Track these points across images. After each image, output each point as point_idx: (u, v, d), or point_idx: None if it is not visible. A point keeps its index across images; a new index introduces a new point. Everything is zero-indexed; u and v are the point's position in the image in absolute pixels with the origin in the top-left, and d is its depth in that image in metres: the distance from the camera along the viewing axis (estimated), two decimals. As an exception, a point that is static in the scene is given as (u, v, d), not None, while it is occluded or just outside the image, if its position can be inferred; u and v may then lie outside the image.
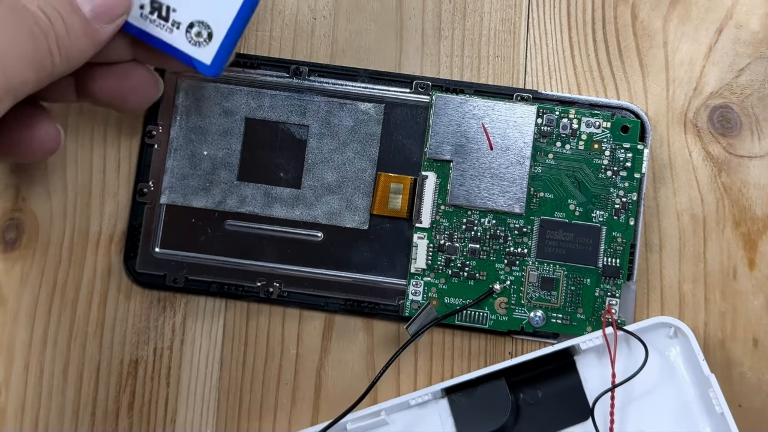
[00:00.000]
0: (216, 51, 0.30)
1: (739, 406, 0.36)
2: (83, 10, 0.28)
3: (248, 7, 0.29)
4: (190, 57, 0.30)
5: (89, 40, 0.28)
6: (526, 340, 0.37)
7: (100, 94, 0.32)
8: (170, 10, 0.29)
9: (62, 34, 0.27)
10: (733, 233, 0.37)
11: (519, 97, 0.37)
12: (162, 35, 0.29)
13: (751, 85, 0.38)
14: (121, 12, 0.29)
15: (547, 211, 0.36)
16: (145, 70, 0.32)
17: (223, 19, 0.29)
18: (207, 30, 0.29)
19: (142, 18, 0.29)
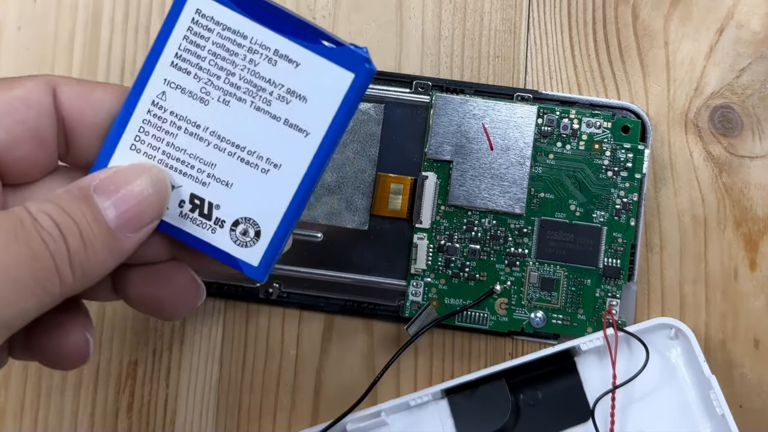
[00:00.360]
0: (264, 251, 0.25)
1: (740, 407, 0.36)
2: (107, 218, 0.23)
3: (300, 199, 0.25)
4: (235, 258, 0.25)
5: (110, 252, 0.23)
6: (526, 341, 0.37)
7: (137, 299, 0.27)
8: (213, 207, 0.25)
9: (77, 249, 0.22)
10: (734, 234, 0.37)
11: (519, 97, 0.37)
12: (203, 235, 0.25)
13: (752, 85, 0.37)
14: (153, 218, 0.24)
15: (548, 211, 0.36)
16: (186, 276, 0.27)
17: (272, 215, 0.25)
18: (254, 228, 0.25)
19: (181, 217, 0.25)
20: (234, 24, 0.24)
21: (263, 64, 0.24)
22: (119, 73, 0.38)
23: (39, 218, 0.22)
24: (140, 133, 0.25)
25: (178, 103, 0.24)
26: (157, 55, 0.24)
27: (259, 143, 0.24)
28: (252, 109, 0.24)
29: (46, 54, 0.38)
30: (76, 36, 0.38)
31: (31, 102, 0.24)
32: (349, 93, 0.24)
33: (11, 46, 0.38)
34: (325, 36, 0.24)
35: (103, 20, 0.38)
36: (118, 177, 0.23)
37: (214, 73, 0.24)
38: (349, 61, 0.24)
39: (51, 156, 0.25)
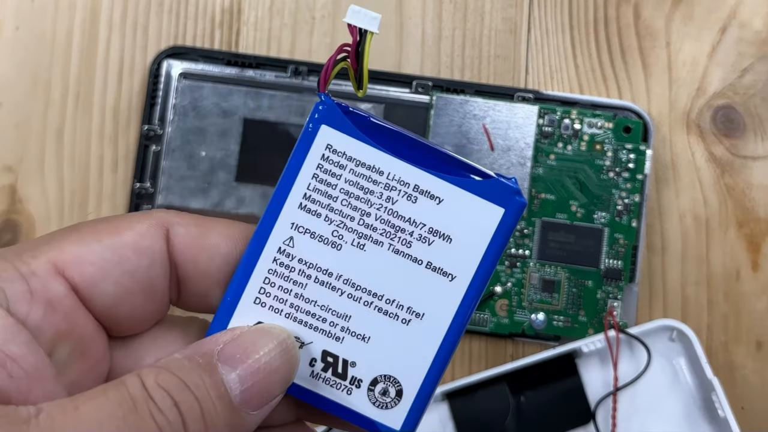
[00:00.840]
0: (407, 412, 0.22)
1: (741, 409, 0.36)
2: (231, 393, 0.20)
3: (446, 351, 0.22)
4: (374, 422, 0.22)
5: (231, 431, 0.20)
6: (527, 343, 0.37)
7: None
8: (348, 365, 0.22)
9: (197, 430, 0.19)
10: (737, 235, 0.37)
11: (520, 97, 0.37)
12: (338, 397, 0.22)
13: (754, 85, 0.37)
14: (280, 392, 0.21)
15: (549, 212, 0.36)
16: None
17: (416, 371, 0.22)
18: (395, 387, 0.22)
19: (312, 378, 0.22)
20: (369, 159, 0.22)
21: (402, 201, 0.22)
22: (117, 72, 0.38)
23: (155, 395, 0.19)
24: (265, 285, 0.22)
25: (307, 250, 0.22)
26: (283, 196, 0.22)
27: (398, 291, 0.22)
28: (390, 252, 0.22)
29: (44, 54, 0.38)
30: (74, 36, 0.38)
31: (142, 250, 0.21)
32: (499, 230, 0.21)
33: (10, 46, 0.38)
34: (469, 167, 0.21)
35: (101, 20, 0.38)
36: (244, 343, 0.20)
37: (347, 215, 0.22)
38: (497, 195, 0.21)
39: (162, 306, 0.22)
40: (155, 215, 0.22)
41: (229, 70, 0.37)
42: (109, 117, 0.37)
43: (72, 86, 0.38)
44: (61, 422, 0.17)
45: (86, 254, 0.20)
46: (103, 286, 0.20)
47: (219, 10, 0.38)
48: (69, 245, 0.20)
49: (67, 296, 0.20)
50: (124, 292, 0.21)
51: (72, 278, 0.20)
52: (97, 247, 0.20)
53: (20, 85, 0.37)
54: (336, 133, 0.21)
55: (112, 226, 0.21)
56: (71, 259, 0.20)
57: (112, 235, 0.21)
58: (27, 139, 0.37)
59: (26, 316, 0.19)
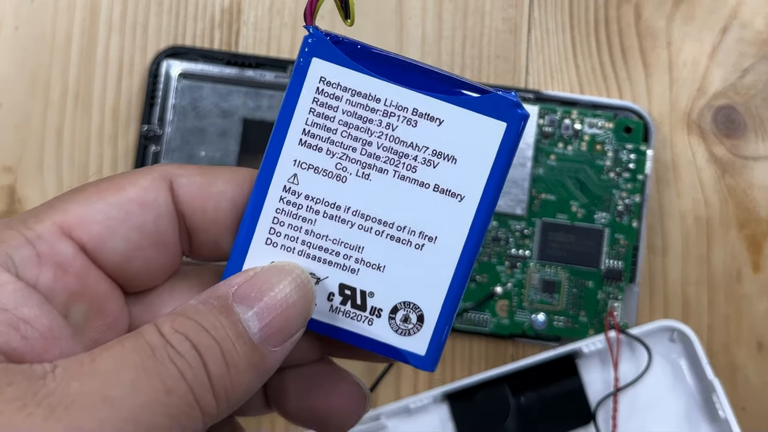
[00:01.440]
0: (431, 337, 0.22)
1: (742, 409, 0.36)
2: (250, 331, 0.20)
3: (463, 272, 0.22)
4: (399, 350, 0.22)
5: (256, 372, 0.20)
6: (527, 344, 0.37)
7: (297, 414, 0.24)
8: (366, 296, 0.22)
9: (220, 374, 0.19)
10: (737, 235, 0.37)
11: (521, 97, 0.36)
12: (360, 329, 0.22)
13: (755, 85, 0.37)
14: (299, 327, 0.21)
15: (549, 213, 0.36)
16: (350, 380, 0.24)
17: (435, 295, 0.22)
18: (416, 312, 0.22)
19: (331, 312, 0.22)
20: (364, 87, 0.21)
21: (402, 126, 0.21)
22: (117, 72, 0.37)
23: (173, 341, 0.19)
24: (275, 225, 0.22)
25: (312, 185, 0.22)
26: (282, 134, 0.22)
27: (408, 216, 0.22)
28: (396, 179, 0.21)
29: (43, 54, 0.38)
30: (73, 36, 0.38)
31: (147, 203, 0.21)
32: (504, 145, 0.21)
33: (9, 47, 0.38)
34: (466, 85, 0.21)
35: (101, 20, 0.38)
36: (259, 282, 0.20)
37: (348, 146, 0.21)
38: (498, 110, 0.21)
39: (174, 258, 0.22)
40: (158, 169, 0.22)
41: (229, 70, 0.37)
42: (108, 117, 0.37)
43: (71, 86, 0.37)
44: (78, 374, 0.17)
45: (91, 213, 0.20)
46: (111, 243, 0.21)
47: (219, 10, 0.38)
48: (73, 206, 0.20)
49: (77, 257, 0.20)
50: (134, 247, 0.21)
51: (79, 238, 0.20)
52: (102, 206, 0.21)
53: (20, 85, 0.37)
54: (328, 64, 0.21)
55: (115, 184, 0.21)
56: (77, 220, 0.20)
57: (116, 193, 0.21)
58: (26, 140, 0.37)
59: (36, 280, 0.19)
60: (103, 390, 0.17)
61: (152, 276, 0.22)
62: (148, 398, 0.18)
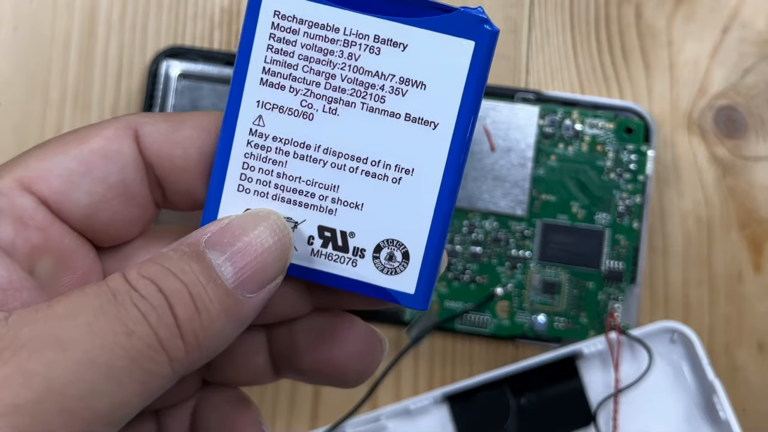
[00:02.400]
0: (418, 273, 0.21)
1: (743, 410, 0.36)
2: (224, 276, 0.19)
3: (446, 205, 0.21)
4: (387, 290, 0.21)
5: (230, 318, 0.19)
6: (528, 345, 0.36)
7: (313, 371, 0.23)
8: (347, 236, 0.21)
9: (189, 317, 0.18)
10: (739, 236, 0.37)
11: (521, 97, 0.36)
12: (344, 271, 0.21)
13: (756, 85, 0.37)
14: (277, 272, 0.20)
15: (550, 213, 0.36)
16: (361, 326, 0.23)
17: (418, 229, 0.21)
18: (400, 249, 0.21)
19: (313, 256, 0.21)
20: (321, 17, 0.20)
21: (365, 55, 0.20)
22: (116, 72, 0.37)
23: (137, 285, 0.18)
24: (245, 170, 0.21)
25: (279, 126, 0.21)
26: (242, 76, 0.21)
27: (382, 150, 0.21)
28: (365, 111, 0.21)
29: (42, 54, 0.38)
30: (72, 36, 0.38)
31: (110, 154, 0.20)
32: (474, 65, 0.20)
33: (8, 47, 0.38)
34: (428, 4, 0.20)
35: (100, 20, 0.38)
36: (233, 228, 0.19)
37: (311, 81, 0.21)
38: (464, 28, 0.20)
39: (146, 209, 0.22)
40: (123, 118, 0.21)
41: (229, 70, 0.37)
42: (107, 117, 0.37)
43: (70, 87, 0.37)
44: (33, 320, 0.17)
45: (52, 167, 0.20)
46: (74, 196, 0.20)
47: (218, 10, 0.38)
48: (33, 161, 0.20)
49: (38, 210, 0.20)
50: (100, 199, 0.20)
51: (40, 192, 0.20)
52: (63, 159, 0.20)
53: (19, 85, 0.37)
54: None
55: (78, 136, 0.21)
56: (37, 174, 0.20)
57: (78, 145, 0.20)
58: (25, 140, 0.37)
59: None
60: (55, 333, 0.17)
61: (123, 229, 0.21)
62: (106, 340, 0.17)
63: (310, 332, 0.23)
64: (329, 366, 0.23)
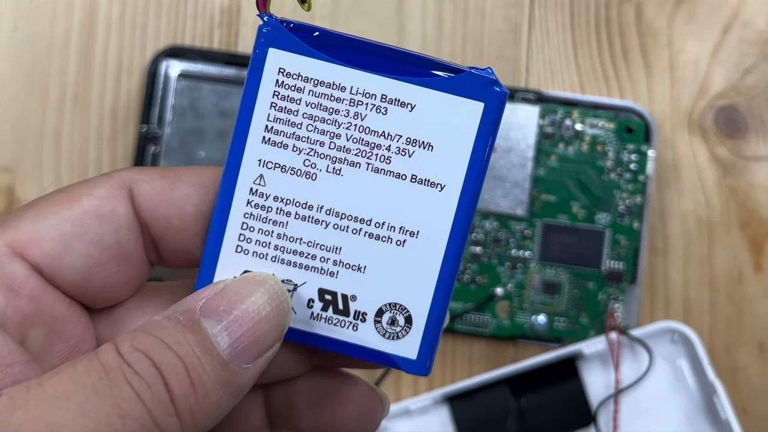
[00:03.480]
0: (421, 339, 0.21)
1: (744, 411, 0.36)
2: (219, 347, 0.18)
3: (450, 267, 0.20)
4: (388, 355, 0.21)
5: (225, 391, 0.18)
6: (528, 345, 0.36)
7: (310, 431, 0.23)
8: (348, 300, 0.20)
9: (185, 393, 0.17)
10: (739, 236, 0.37)
11: (521, 97, 0.36)
12: (344, 335, 0.21)
13: (757, 85, 0.37)
14: (274, 341, 0.19)
15: (550, 213, 0.36)
16: (365, 390, 0.23)
17: (421, 293, 0.20)
18: (403, 313, 0.21)
19: (312, 320, 0.21)
20: (326, 75, 0.20)
21: (372, 115, 0.20)
22: (115, 72, 0.37)
23: (131, 359, 0.17)
24: (244, 231, 0.20)
25: (280, 185, 0.20)
26: (244, 133, 0.20)
27: (386, 211, 0.20)
28: (370, 172, 0.20)
29: (42, 54, 0.37)
30: (71, 36, 0.38)
31: (104, 214, 0.20)
32: (483, 127, 0.20)
33: (7, 47, 0.38)
34: (437, 65, 0.20)
35: (100, 19, 0.38)
36: (229, 294, 0.19)
37: (315, 140, 0.20)
38: (473, 89, 0.19)
39: (140, 270, 0.21)
40: (115, 176, 0.20)
41: (228, 70, 0.37)
42: (107, 117, 0.37)
43: (70, 86, 0.37)
44: (23, 401, 0.16)
45: (44, 230, 0.19)
46: (67, 260, 0.19)
47: (218, 9, 0.38)
48: (25, 223, 0.19)
49: (29, 277, 0.19)
50: (93, 263, 0.20)
51: (32, 258, 0.19)
52: (55, 221, 0.19)
53: (18, 85, 0.37)
54: (286, 54, 0.20)
55: (69, 196, 0.20)
56: (29, 237, 0.19)
57: (70, 205, 0.19)
58: (25, 140, 0.37)
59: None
60: (46, 417, 0.16)
61: (117, 291, 0.21)
62: (98, 423, 0.16)
63: (309, 393, 0.22)
64: (329, 428, 0.22)
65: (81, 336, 0.20)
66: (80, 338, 0.20)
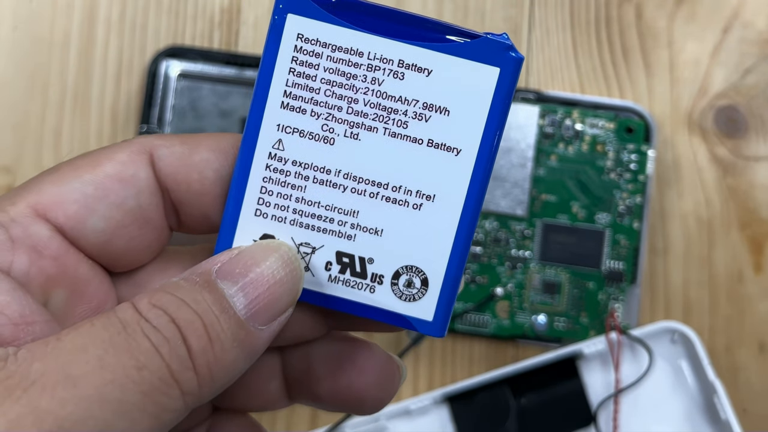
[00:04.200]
0: (437, 301, 0.21)
1: (744, 411, 0.36)
2: (236, 307, 0.18)
3: (466, 231, 0.21)
4: (405, 317, 0.21)
5: (242, 350, 0.19)
6: (528, 345, 0.36)
7: (331, 397, 0.23)
8: (366, 262, 0.21)
9: (202, 348, 0.18)
10: (739, 236, 0.37)
11: (521, 97, 0.36)
12: (362, 297, 0.21)
13: (757, 85, 0.37)
14: (288, 304, 0.20)
15: (550, 213, 0.36)
16: (382, 356, 0.23)
17: (437, 256, 0.21)
18: (419, 276, 0.21)
19: (330, 282, 0.21)
20: (345, 41, 0.20)
21: (389, 80, 0.20)
22: (115, 72, 0.37)
23: (149, 315, 0.17)
24: (263, 195, 0.21)
25: (299, 150, 0.20)
26: (263, 98, 0.20)
27: (403, 175, 0.21)
28: (387, 137, 0.20)
29: (42, 54, 0.37)
30: (71, 36, 0.38)
31: (126, 178, 0.20)
32: (498, 92, 0.20)
33: (7, 47, 0.38)
34: (454, 30, 0.20)
35: (99, 19, 0.38)
36: (244, 258, 0.19)
37: (333, 105, 0.20)
38: (489, 54, 0.20)
39: (161, 234, 0.21)
40: (137, 141, 0.21)
41: (228, 70, 0.37)
42: (107, 117, 0.37)
43: (70, 87, 0.37)
44: (42, 354, 0.17)
45: (67, 193, 0.19)
46: (90, 223, 0.20)
47: (218, 9, 0.38)
48: (48, 187, 0.20)
49: (53, 239, 0.19)
50: (115, 225, 0.20)
51: (55, 220, 0.19)
52: (78, 184, 0.20)
53: (18, 85, 0.37)
54: (305, 20, 0.20)
55: (91, 161, 0.20)
56: (52, 201, 0.19)
57: (92, 170, 0.20)
58: (25, 140, 0.37)
59: (10, 265, 0.19)
60: (66, 369, 0.16)
61: (138, 254, 0.21)
62: (116, 375, 0.16)
63: (327, 358, 0.22)
64: (347, 393, 0.22)
65: (103, 298, 0.20)
66: (102, 300, 0.20)
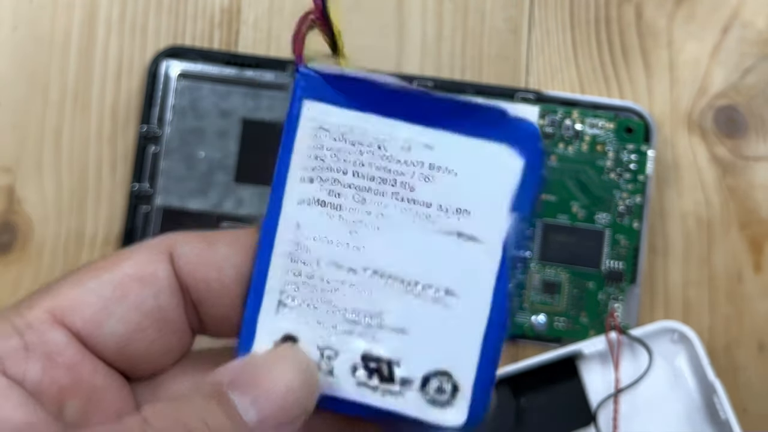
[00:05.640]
0: (468, 406, 0.19)
1: (744, 411, 0.36)
2: (246, 417, 0.18)
3: (497, 329, 0.19)
4: (437, 426, 0.20)
5: None
6: (528, 345, 0.36)
7: None
8: (393, 366, 0.20)
9: None
10: (739, 236, 0.37)
11: (521, 97, 0.36)
12: (390, 404, 0.19)
13: (756, 85, 0.37)
14: (301, 415, 0.19)
15: (550, 213, 0.36)
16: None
17: (466, 359, 0.19)
18: (450, 381, 0.19)
19: (358, 387, 0.20)
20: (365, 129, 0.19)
21: (418, 182, 0.19)
22: (116, 72, 0.37)
23: (156, 424, 0.17)
24: (283, 295, 0.20)
25: (321, 248, 0.19)
26: (279, 196, 0.19)
27: (428, 272, 0.19)
28: (411, 232, 0.19)
29: (42, 54, 0.37)
30: (72, 36, 0.38)
31: (145, 278, 0.19)
32: (525, 181, 0.19)
33: (7, 47, 0.38)
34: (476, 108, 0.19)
35: (100, 19, 0.38)
36: (256, 367, 0.19)
37: (356, 201, 0.19)
38: (514, 142, 0.19)
39: (182, 336, 0.20)
40: (156, 240, 0.20)
41: (228, 70, 0.37)
42: (107, 117, 0.37)
43: (70, 86, 0.37)
44: None
45: (84, 295, 0.19)
46: (107, 326, 0.19)
47: (218, 9, 0.38)
48: (66, 289, 0.19)
49: (69, 346, 0.19)
50: (134, 328, 0.19)
51: (72, 324, 0.19)
52: (95, 285, 0.19)
53: (18, 85, 0.37)
54: (324, 106, 0.19)
55: (110, 261, 0.20)
56: (69, 304, 0.19)
57: (111, 270, 0.19)
58: (25, 140, 0.37)
59: (23, 374, 0.18)
60: None
61: (158, 359, 0.20)
62: None
63: None
64: None
65: (120, 406, 0.20)
66: (119, 408, 0.20)
